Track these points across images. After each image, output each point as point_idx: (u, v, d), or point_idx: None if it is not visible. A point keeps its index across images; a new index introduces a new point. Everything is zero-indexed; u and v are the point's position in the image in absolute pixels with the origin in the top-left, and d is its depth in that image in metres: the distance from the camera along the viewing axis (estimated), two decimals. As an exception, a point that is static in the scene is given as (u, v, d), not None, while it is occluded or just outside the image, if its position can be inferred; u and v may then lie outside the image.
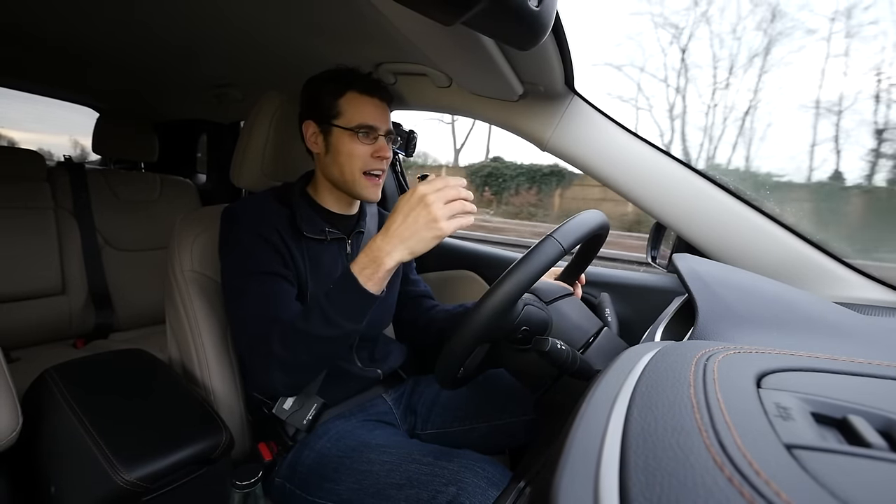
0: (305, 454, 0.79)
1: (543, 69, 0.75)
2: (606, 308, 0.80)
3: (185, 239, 0.89)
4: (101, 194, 1.56)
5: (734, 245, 0.80)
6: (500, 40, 0.64)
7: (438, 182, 0.62)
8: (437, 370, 0.64)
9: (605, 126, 0.86)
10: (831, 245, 0.75)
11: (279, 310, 0.72)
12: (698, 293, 0.54)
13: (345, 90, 0.80)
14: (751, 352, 0.34)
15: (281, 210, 0.82)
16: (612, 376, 0.32)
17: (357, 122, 0.79)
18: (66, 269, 1.45)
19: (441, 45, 0.70)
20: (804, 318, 0.51)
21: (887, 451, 0.21)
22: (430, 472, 0.67)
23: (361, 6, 0.68)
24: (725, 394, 0.26)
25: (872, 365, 0.32)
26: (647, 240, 1.02)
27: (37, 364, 0.83)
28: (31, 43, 1.16)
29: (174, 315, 0.90)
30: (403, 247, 0.62)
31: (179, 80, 1.39)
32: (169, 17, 0.91)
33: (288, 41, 0.93)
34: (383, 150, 0.81)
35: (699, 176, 0.82)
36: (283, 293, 0.76)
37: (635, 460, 0.21)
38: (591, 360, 0.63)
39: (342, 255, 0.88)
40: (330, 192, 0.87)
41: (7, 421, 0.61)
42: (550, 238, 0.59)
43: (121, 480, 0.59)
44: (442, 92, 0.98)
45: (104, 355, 0.87)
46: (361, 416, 0.88)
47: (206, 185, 2.09)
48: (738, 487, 0.19)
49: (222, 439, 0.70)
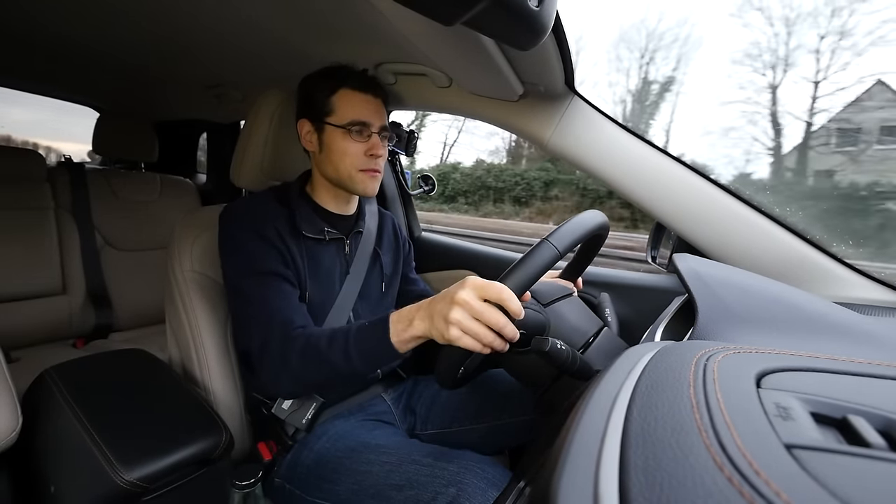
0: (305, 454, 0.79)
1: (543, 69, 0.75)
2: (606, 308, 0.80)
3: (185, 239, 0.89)
4: (101, 194, 1.56)
5: (734, 245, 0.80)
6: (500, 40, 0.64)
7: (491, 290, 0.55)
8: (437, 371, 0.64)
9: (605, 126, 0.86)
10: (831, 245, 0.75)
11: (291, 314, 0.72)
12: (698, 293, 0.54)
13: (337, 87, 0.80)
14: (751, 352, 0.34)
15: (280, 210, 0.82)
16: (612, 376, 0.32)
17: (349, 118, 0.79)
18: (66, 269, 1.45)
19: (441, 45, 0.70)
20: (804, 318, 0.51)
21: (887, 451, 0.21)
22: (429, 472, 0.67)
23: (361, 6, 0.68)
24: (725, 394, 0.26)
25: (872, 365, 0.32)
26: (647, 240, 1.02)
27: (37, 364, 0.83)
28: (31, 43, 1.16)
29: (174, 315, 0.90)
30: (426, 323, 0.60)
31: (179, 80, 1.39)
32: (169, 16, 0.91)
33: (288, 41, 0.93)
34: (376, 148, 0.81)
35: (699, 176, 0.82)
36: (290, 295, 0.76)
37: (635, 460, 0.21)
38: (591, 360, 0.63)
39: (341, 255, 0.88)
40: (328, 191, 0.87)
41: (7, 421, 0.61)
42: (546, 242, 0.59)
43: (120, 480, 0.59)
44: (442, 92, 0.98)
45: (104, 355, 0.87)
46: (361, 416, 0.88)
47: (206, 185, 2.09)
48: (738, 487, 0.19)
49: (222, 439, 0.70)
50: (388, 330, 0.63)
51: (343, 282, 0.87)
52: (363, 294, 0.90)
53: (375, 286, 0.94)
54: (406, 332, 0.61)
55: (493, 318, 0.55)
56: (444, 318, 0.56)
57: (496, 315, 0.55)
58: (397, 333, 0.62)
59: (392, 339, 0.62)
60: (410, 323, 0.61)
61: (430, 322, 0.59)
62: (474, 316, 0.55)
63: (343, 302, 0.86)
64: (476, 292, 0.56)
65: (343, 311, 0.86)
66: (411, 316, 0.62)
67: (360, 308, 0.89)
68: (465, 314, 0.55)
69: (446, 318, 0.55)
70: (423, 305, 0.61)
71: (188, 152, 2.13)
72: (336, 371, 0.66)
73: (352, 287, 0.88)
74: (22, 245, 1.36)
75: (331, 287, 0.85)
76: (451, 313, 0.55)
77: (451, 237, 1.43)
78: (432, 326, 0.58)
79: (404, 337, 0.62)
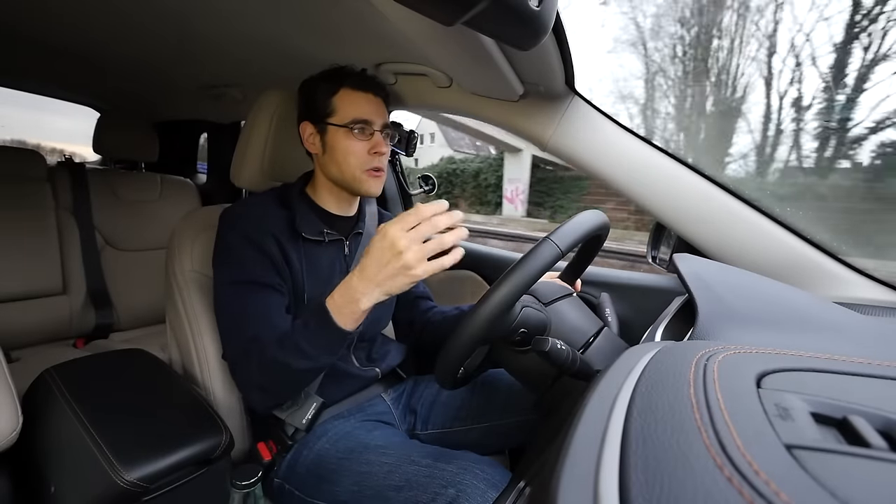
0: (304, 455, 0.79)
1: (544, 69, 0.75)
2: (606, 308, 0.80)
3: (185, 239, 0.89)
4: (102, 194, 1.56)
5: (734, 245, 0.80)
6: (500, 40, 0.64)
7: (410, 218, 0.59)
8: (437, 371, 0.64)
9: (605, 126, 0.86)
10: (831, 245, 0.75)
11: (259, 328, 0.73)
12: (698, 293, 0.54)
13: (338, 87, 0.81)
14: (751, 352, 0.34)
15: (279, 212, 0.82)
16: (612, 376, 0.32)
17: (351, 117, 0.80)
18: (67, 269, 1.45)
19: (441, 46, 0.70)
20: (804, 318, 0.51)
21: (887, 452, 0.21)
22: (429, 473, 0.67)
23: (361, 6, 0.68)
24: (725, 394, 0.26)
25: (872, 365, 0.32)
26: (648, 240, 1.02)
27: (37, 364, 0.83)
28: (31, 43, 1.16)
29: (174, 315, 0.90)
30: (379, 290, 0.62)
31: (179, 80, 1.39)
32: (169, 16, 0.91)
33: (288, 41, 0.93)
34: (380, 146, 0.81)
35: (699, 176, 0.82)
36: (269, 307, 0.76)
37: (635, 460, 0.21)
38: (591, 360, 0.63)
39: (340, 257, 0.88)
40: (329, 193, 0.87)
41: (7, 421, 0.61)
42: (548, 240, 0.59)
43: (121, 480, 0.59)
44: (442, 92, 0.98)
45: (104, 355, 0.87)
46: (360, 416, 0.88)
47: (206, 185, 2.09)
48: (738, 487, 0.19)
49: (222, 439, 0.70)
50: (332, 319, 0.64)
51: None
52: None
53: None
54: (354, 312, 0.64)
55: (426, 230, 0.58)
56: (400, 268, 0.58)
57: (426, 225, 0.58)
58: (343, 315, 0.64)
59: (341, 325, 0.65)
60: (355, 301, 0.63)
61: (385, 287, 0.61)
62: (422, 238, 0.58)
63: None
64: (396, 228, 0.59)
65: None
66: (352, 294, 0.63)
67: None
68: (413, 247, 0.58)
69: (405, 265, 0.58)
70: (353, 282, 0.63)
71: (188, 152, 2.13)
72: (301, 370, 0.68)
73: None
74: (22, 245, 1.36)
75: (330, 289, 0.85)
76: (405, 258, 0.58)
77: None
78: (391, 287, 0.61)
79: (355, 316, 0.65)
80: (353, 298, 0.63)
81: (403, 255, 0.58)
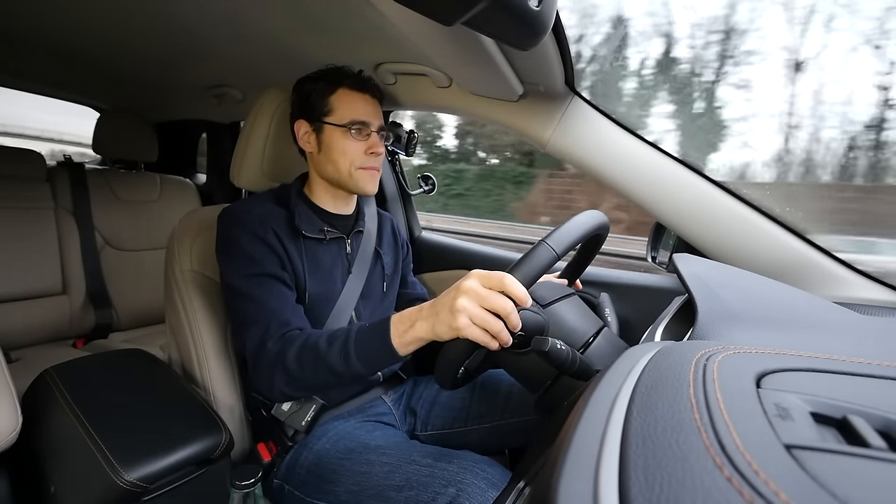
0: (304, 455, 0.79)
1: (543, 69, 0.75)
2: (606, 308, 0.80)
3: (184, 239, 0.89)
4: (101, 194, 1.56)
5: (734, 245, 0.80)
6: (500, 40, 0.64)
7: (495, 280, 0.55)
8: (436, 372, 0.64)
9: (605, 126, 0.86)
10: (831, 245, 0.75)
11: (288, 316, 0.72)
12: (698, 293, 0.54)
13: (336, 87, 0.81)
14: (750, 352, 0.34)
15: (279, 211, 0.82)
16: (611, 376, 0.32)
17: (349, 118, 0.80)
18: (66, 269, 1.45)
19: (441, 45, 0.70)
20: (804, 318, 0.51)
21: (887, 451, 0.21)
22: (429, 473, 0.67)
23: (361, 6, 0.68)
24: (725, 394, 0.26)
25: (872, 365, 0.32)
26: (647, 240, 1.02)
27: (37, 364, 0.83)
28: (31, 43, 1.16)
29: (174, 315, 0.90)
30: (431, 320, 0.59)
31: (179, 79, 1.39)
32: (168, 16, 0.91)
33: (288, 41, 0.93)
34: (376, 146, 0.82)
35: (699, 176, 0.82)
36: (286, 297, 0.76)
37: (635, 460, 0.21)
38: (590, 360, 0.63)
39: (342, 255, 0.88)
40: (326, 191, 0.87)
41: (7, 421, 0.61)
42: (543, 244, 0.58)
43: (120, 480, 0.59)
44: (442, 92, 0.98)
45: (104, 355, 0.87)
46: (361, 417, 0.88)
47: (206, 185, 2.09)
48: (738, 487, 0.19)
49: (222, 439, 0.70)
50: (389, 331, 0.62)
51: (345, 281, 0.87)
52: (365, 294, 0.90)
53: (377, 286, 0.94)
54: (407, 333, 0.61)
55: (498, 303, 0.54)
56: (450, 308, 0.56)
57: (501, 300, 0.55)
58: (399, 335, 0.62)
59: (393, 341, 0.62)
60: (412, 324, 0.61)
61: (434, 319, 0.58)
62: (480, 304, 0.55)
63: (345, 301, 0.86)
64: (480, 280, 0.56)
65: (345, 310, 0.86)
66: (413, 318, 0.61)
67: (362, 308, 0.89)
68: (471, 301, 0.55)
69: (452, 307, 0.55)
70: (424, 306, 0.61)
71: (188, 152, 2.13)
72: (333, 372, 0.66)
73: (354, 286, 0.88)
74: (22, 245, 1.36)
75: (332, 286, 0.85)
76: (457, 301, 0.55)
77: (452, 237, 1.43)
78: (437, 322, 0.58)
79: (406, 339, 0.61)
80: (412, 320, 0.61)
81: (459, 298, 0.55)
